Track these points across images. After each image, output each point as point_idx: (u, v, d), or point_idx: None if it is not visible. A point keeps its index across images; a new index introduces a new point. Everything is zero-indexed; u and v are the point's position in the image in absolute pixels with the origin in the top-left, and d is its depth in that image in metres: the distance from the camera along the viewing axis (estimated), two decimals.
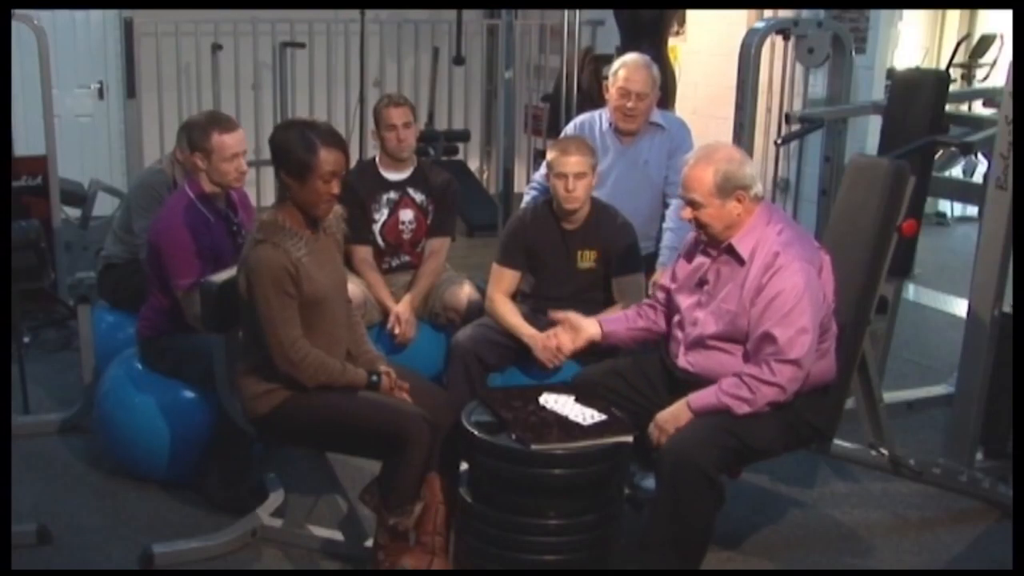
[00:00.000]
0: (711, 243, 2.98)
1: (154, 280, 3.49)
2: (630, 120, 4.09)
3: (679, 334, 3.07)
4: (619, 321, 3.24)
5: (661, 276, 3.59)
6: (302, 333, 2.86)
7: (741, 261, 2.92)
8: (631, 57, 4.17)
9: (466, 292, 4.03)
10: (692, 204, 2.92)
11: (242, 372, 2.97)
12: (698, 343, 2.99)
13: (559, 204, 3.60)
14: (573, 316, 3.21)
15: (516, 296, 3.77)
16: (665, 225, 4.09)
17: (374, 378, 2.99)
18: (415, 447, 2.81)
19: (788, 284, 2.81)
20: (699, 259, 3.05)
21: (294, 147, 2.83)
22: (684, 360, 3.03)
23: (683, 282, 3.10)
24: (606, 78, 4.19)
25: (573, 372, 3.32)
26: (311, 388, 2.89)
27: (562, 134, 4.26)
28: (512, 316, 3.64)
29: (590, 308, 3.64)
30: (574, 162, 3.52)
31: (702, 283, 3.02)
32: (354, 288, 3.94)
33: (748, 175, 2.90)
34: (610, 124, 4.17)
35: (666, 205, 4.13)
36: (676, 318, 3.10)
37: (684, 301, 3.07)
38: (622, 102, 4.06)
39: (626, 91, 4.05)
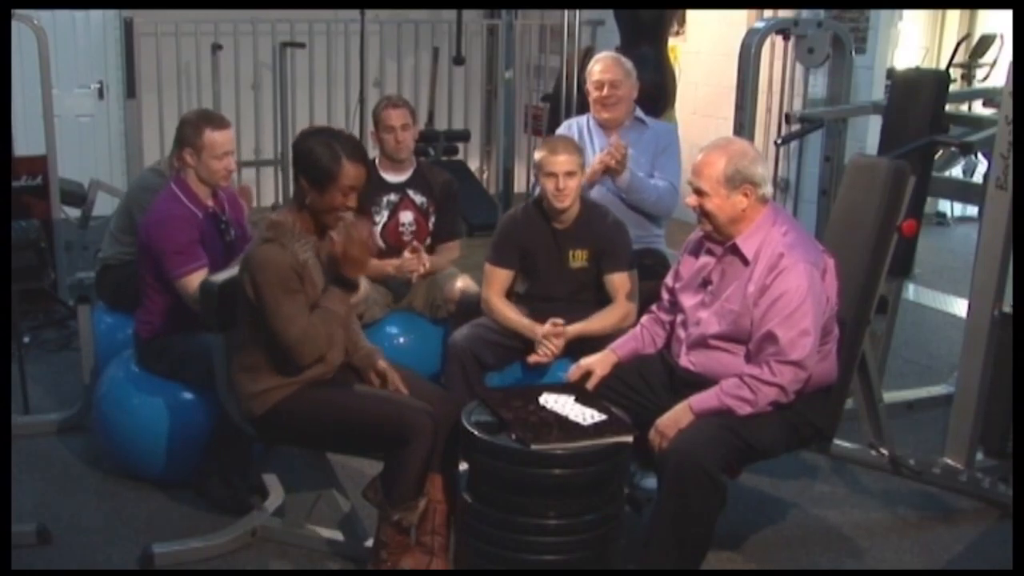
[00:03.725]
0: (714, 238, 2.98)
1: (149, 280, 3.49)
2: (610, 108, 4.20)
3: (682, 334, 3.07)
4: (629, 343, 3.22)
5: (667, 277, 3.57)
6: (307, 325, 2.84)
7: (745, 261, 2.92)
8: (601, 54, 4.40)
9: (462, 283, 4.06)
10: (699, 192, 2.93)
11: (238, 371, 2.97)
12: (700, 343, 2.99)
13: (549, 203, 3.61)
14: (585, 362, 3.17)
15: (510, 298, 3.77)
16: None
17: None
18: (419, 440, 2.81)
19: (792, 285, 2.82)
20: (704, 259, 3.05)
21: (320, 155, 2.81)
22: (686, 360, 3.03)
23: (687, 282, 3.10)
24: None
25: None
26: (309, 384, 2.90)
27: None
28: (510, 311, 3.65)
29: (584, 309, 3.65)
30: (563, 161, 3.54)
31: (706, 283, 3.02)
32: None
33: (759, 173, 2.90)
34: (594, 120, 4.28)
35: None
36: (679, 318, 3.11)
37: (687, 301, 3.07)
38: (598, 93, 4.21)
39: (600, 82, 4.20)
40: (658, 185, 4.11)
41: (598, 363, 3.15)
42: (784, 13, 6.39)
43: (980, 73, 8.18)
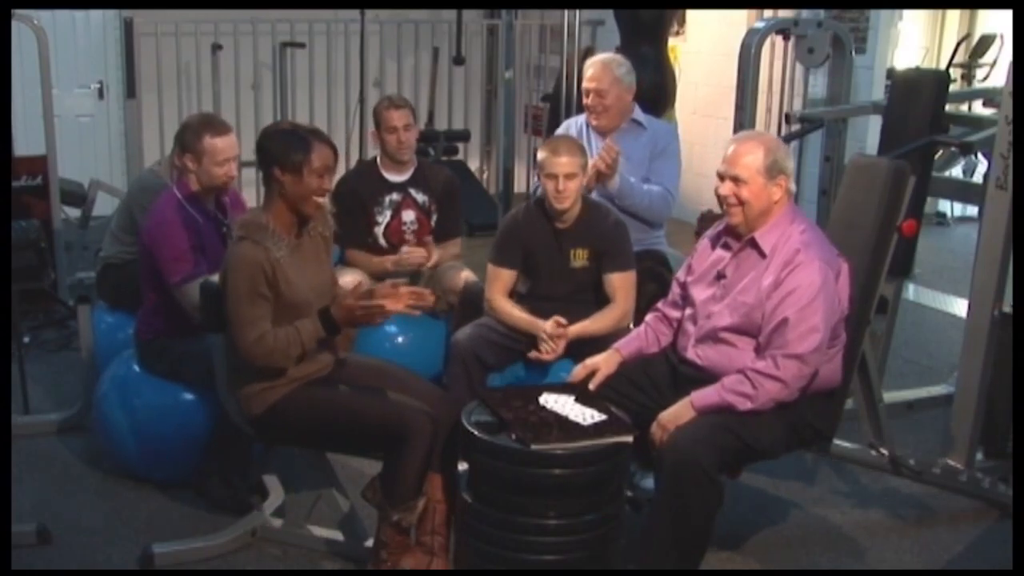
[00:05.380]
0: (738, 231, 2.98)
1: (149, 282, 3.49)
2: (597, 116, 4.16)
3: (690, 328, 3.07)
4: (634, 342, 3.22)
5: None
6: (267, 331, 2.83)
7: (762, 254, 2.93)
8: (596, 57, 4.30)
9: (464, 275, 4.06)
10: (735, 180, 2.93)
11: (234, 370, 2.97)
12: (710, 336, 2.99)
13: (550, 203, 3.61)
14: (591, 361, 3.15)
15: (512, 298, 3.77)
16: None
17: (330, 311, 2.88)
18: (417, 440, 2.81)
19: (805, 281, 2.83)
20: (719, 252, 3.06)
21: (289, 143, 2.87)
22: (692, 352, 3.03)
23: (700, 275, 3.10)
24: None
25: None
26: (307, 383, 2.91)
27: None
28: (515, 309, 3.65)
29: (584, 309, 3.65)
30: (564, 163, 3.53)
31: (720, 276, 3.03)
32: (358, 278, 3.94)
33: (791, 167, 2.95)
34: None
35: None
36: (688, 312, 3.10)
37: (700, 294, 3.07)
38: (587, 100, 4.18)
39: (587, 90, 4.17)
40: (651, 191, 4.06)
41: (603, 362, 3.14)
42: (784, 13, 6.39)
43: (980, 73, 8.17)
